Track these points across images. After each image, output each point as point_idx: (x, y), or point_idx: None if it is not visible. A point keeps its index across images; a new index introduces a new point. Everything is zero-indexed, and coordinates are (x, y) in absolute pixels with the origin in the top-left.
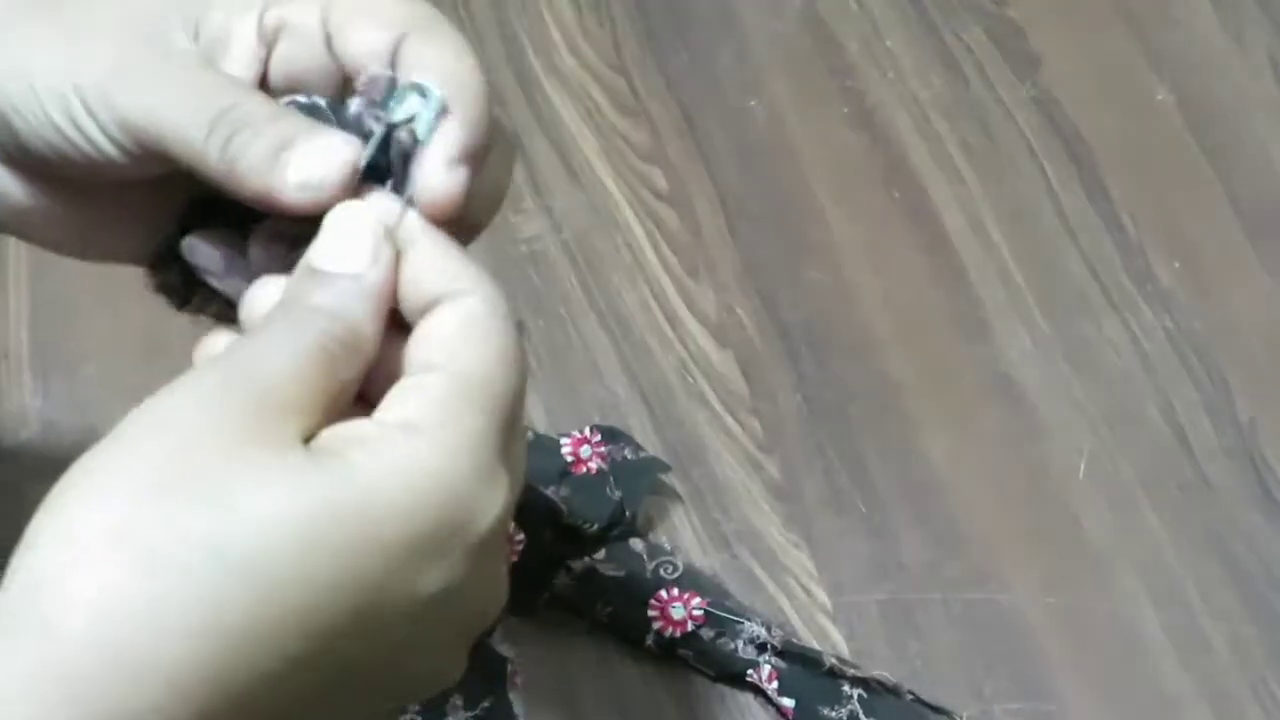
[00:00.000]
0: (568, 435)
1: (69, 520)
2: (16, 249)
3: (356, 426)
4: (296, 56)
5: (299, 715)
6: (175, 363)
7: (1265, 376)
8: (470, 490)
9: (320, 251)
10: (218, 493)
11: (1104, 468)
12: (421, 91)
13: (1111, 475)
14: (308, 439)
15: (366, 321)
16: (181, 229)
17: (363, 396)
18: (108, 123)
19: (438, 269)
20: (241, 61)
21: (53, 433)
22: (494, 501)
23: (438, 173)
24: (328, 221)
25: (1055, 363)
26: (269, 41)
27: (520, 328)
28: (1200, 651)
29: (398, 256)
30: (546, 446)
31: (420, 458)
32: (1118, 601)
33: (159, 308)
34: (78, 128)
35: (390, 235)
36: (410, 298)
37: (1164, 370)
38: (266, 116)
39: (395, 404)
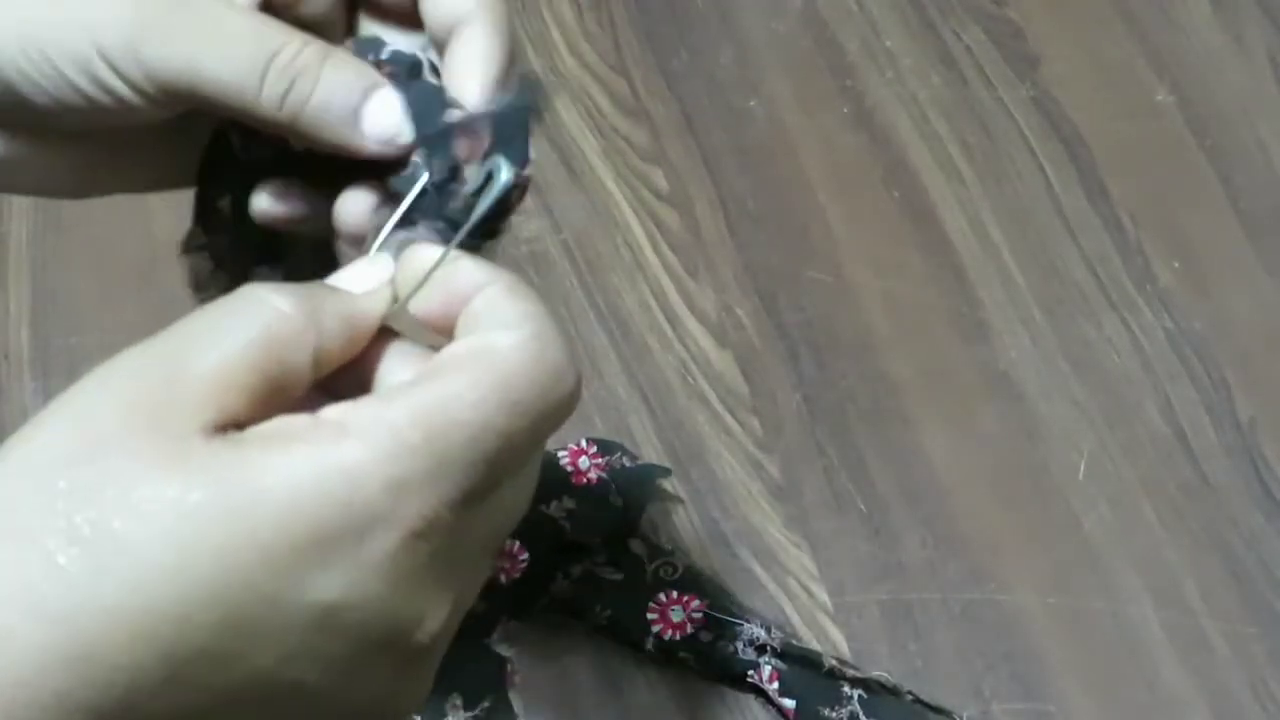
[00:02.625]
0: (564, 447)
1: None
2: (17, 249)
3: (289, 421)
4: None
5: None
6: None
7: (1265, 376)
8: (373, 496)
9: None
10: (102, 482)
11: (1104, 468)
12: (495, 168)
13: (1111, 475)
14: (239, 428)
15: (329, 320)
16: (207, 166)
17: None
18: (137, 79)
19: (496, 309)
20: None
21: None
22: (405, 514)
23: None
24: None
25: (1055, 363)
26: None
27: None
28: (1200, 651)
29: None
30: (545, 460)
31: (324, 455)
32: (1118, 601)
33: (159, 307)
34: (101, 86)
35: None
36: (460, 325)
37: (1164, 370)
38: (317, 58)
39: (352, 404)
